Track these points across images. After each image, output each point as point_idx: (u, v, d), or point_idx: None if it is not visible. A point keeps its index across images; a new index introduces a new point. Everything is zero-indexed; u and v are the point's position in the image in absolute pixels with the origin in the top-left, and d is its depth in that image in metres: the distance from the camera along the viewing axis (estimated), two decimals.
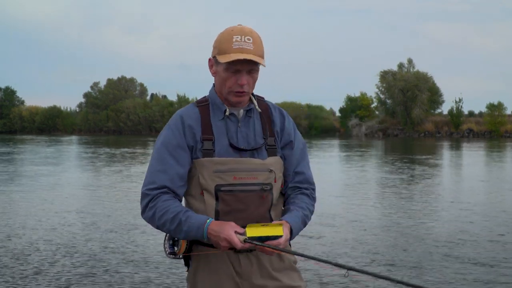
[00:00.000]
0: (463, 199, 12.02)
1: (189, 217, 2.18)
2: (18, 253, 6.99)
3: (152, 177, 2.27)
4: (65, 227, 8.70)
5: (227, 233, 2.09)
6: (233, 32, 2.23)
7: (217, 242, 2.14)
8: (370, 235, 8.16)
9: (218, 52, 2.24)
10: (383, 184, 15.04)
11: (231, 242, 2.09)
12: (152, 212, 2.23)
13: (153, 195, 2.24)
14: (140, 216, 2.34)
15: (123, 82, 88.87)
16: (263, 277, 2.31)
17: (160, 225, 2.22)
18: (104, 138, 58.42)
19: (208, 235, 2.14)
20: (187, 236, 2.19)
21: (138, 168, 19.77)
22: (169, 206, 2.21)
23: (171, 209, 2.20)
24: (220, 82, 2.30)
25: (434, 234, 8.25)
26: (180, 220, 2.17)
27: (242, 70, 2.23)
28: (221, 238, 2.10)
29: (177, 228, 2.18)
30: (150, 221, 2.26)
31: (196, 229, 2.16)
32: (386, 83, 69.23)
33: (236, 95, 2.27)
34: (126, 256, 6.89)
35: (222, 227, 2.12)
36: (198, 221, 2.16)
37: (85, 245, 7.47)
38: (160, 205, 2.21)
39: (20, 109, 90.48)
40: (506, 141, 48.75)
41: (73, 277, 5.96)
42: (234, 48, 2.19)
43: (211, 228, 2.13)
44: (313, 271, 6.04)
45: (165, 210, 2.20)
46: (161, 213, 2.20)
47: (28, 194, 12.65)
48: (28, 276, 5.95)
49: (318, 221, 8.85)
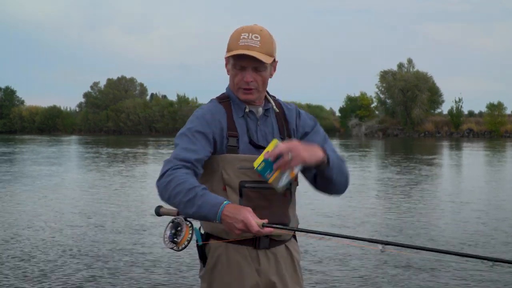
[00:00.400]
0: (474, 200, 11.92)
1: (206, 193, 2.09)
2: (24, 255, 6.95)
3: (182, 151, 2.21)
4: (72, 228, 8.67)
5: (244, 215, 2.02)
6: (242, 30, 2.30)
7: (231, 225, 2.04)
8: (382, 237, 8.13)
9: (227, 50, 2.31)
10: (392, 184, 15.02)
11: (247, 225, 2.01)
12: (169, 180, 2.13)
13: (175, 164, 2.17)
14: (145, 217, 2.30)
15: (123, 82, 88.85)
16: (278, 274, 2.33)
17: (172, 195, 2.12)
18: (104, 138, 58.42)
19: (223, 216, 2.04)
20: (198, 212, 2.08)
21: (141, 168, 19.77)
22: (188, 178, 2.12)
23: (189, 180, 2.11)
24: (231, 79, 2.36)
25: (445, 236, 8.18)
26: (196, 193, 2.07)
27: (248, 67, 2.28)
28: (238, 220, 2.02)
29: (190, 201, 2.08)
30: (163, 188, 2.15)
31: (210, 206, 2.06)
32: (386, 83, 69.26)
33: (243, 92, 2.32)
34: (134, 258, 6.84)
35: (239, 210, 2.04)
36: (215, 200, 2.07)
37: (92, 247, 7.43)
38: (179, 175, 2.13)
39: (20, 109, 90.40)
40: (506, 141, 48.76)
41: (80, 279, 5.92)
42: (239, 45, 2.25)
43: (227, 209, 2.04)
44: (321, 274, 6.02)
45: (183, 180, 2.11)
46: (178, 182, 2.11)
47: (34, 194, 12.62)
48: (33, 279, 5.90)
49: (334, 222, 8.82)
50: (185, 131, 2.28)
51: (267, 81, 2.36)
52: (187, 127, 2.29)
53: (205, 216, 2.07)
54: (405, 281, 5.84)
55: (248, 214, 2.02)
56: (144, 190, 13.49)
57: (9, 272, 6.14)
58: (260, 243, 2.29)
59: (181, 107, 79.23)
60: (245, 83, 2.29)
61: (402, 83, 66.54)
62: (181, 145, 2.23)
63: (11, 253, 7.05)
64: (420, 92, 65.77)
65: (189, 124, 2.30)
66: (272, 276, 2.31)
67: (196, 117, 2.31)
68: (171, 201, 2.14)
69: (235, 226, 2.03)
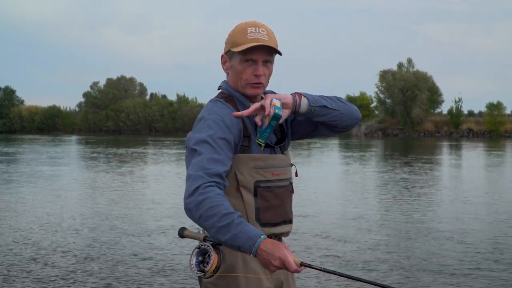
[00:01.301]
0: (496, 202, 11.83)
1: (243, 223, 1.97)
2: (36, 258, 6.78)
3: (209, 163, 2.07)
4: (85, 231, 8.44)
5: (282, 252, 1.92)
6: (247, 25, 2.26)
7: (267, 261, 1.94)
8: (401, 240, 8.14)
9: (233, 45, 2.25)
10: (406, 185, 15.02)
11: (285, 263, 1.92)
12: (202, 199, 1.98)
13: (207, 181, 2.02)
14: (158, 219, 2.25)
15: (123, 81, 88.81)
16: (283, 273, 2.36)
17: (203, 216, 1.98)
18: (106, 138, 58.15)
19: (259, 251, 1.93)
20: (231, 240, 1.96)
21: (152, 169, 19.54)
22: (223, 201, 2.00)
23: (225, 204, 1.99)
24: (235, 76, 2.28)
25: (474, 237, 8.06)
26: (232, 220, 1.95)
27: (258, 60, 2.24)
28: (275, 256, 1.91)
29: (224, 228, 1.95)
30: (195, 208, 2.00)
31: (246, 238, 1.94)
32: (386, 82, 69.20)
33: (252, 87, 2.27)
34: (152, 262, 6.61)
35: (277, 246, 1.94)
36: (252, 231, 1.96)
37: (108, 250, 7.22)
38: (214, 196, 1.99)
39: (19, 109, 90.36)
40: (506, 141, 48.75)
41: (95, 285, 5.72)
42: (249, 39, 2.21)
43: (265, 244, 1.93)
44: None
45: (218, 203, 1.98)
46: (213, 204, 1.97)
47: (44, 195, 12.43)
48: (49, 283, 5.75)
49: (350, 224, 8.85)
50: (205, 137, 2.12)
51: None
52: (207, 134, 2.13)
53: (238, 247, 1.96)
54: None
55: (286, 252, 1.93)
56: (153, 191, 13.34)
57: (23, 275, 5.99)
58: None
59: (181, 107, 79.18)
60: (255, 77, 2.25)
61: (402, 83, 66.50)
62: (206, 155, 2.08)
63: (25, 255, 6.87)
64: (419, 91, 65.73)
65: (208, 130, 2.15)
66: (280, 276, 2.34)
67: (215, 122, 2.17)
68: (202, 222, 2.00)
69: (272, 263, 1.93)
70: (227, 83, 2.35)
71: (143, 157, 26.85)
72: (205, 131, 2.14)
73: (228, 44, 2.28)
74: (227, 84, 2.35)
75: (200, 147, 2.11)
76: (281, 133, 2.40)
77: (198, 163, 2.07)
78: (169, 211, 9.88)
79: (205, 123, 2.17)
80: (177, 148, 34.16)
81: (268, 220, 2.26)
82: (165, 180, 15.75)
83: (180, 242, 7.29)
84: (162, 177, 16.53)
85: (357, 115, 2.43)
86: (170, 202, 11.09)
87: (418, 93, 65.61)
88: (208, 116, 2.20)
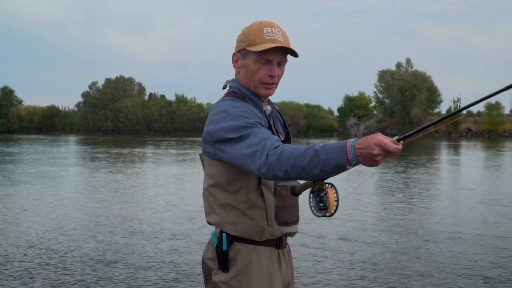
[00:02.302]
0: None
1: (325, 145, 1.90)
2: (54, 260, 6.58)
3: (263, 135, 2.03)
4: (104, 235, 8.11)
5: (376, 137, 1.85)
6: (262, 25, 2.24)
7: (368, 156, 1.84)
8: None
9: (248, 44, 2.22)
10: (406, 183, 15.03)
11: (383, 146, 1.84)
12: (276, 157, 1.92)
13: (271, 145, 1.97)
14: (184, 224, 2.15)
15: (122, 81, 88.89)
16: (291, 273, 2.38)
17: (288, 168, 1.91)
18: (108, 137, 57.94)
19: (356, 151, 1.84)
20: (325, 165, 1.87)
21: (163, 170, 19.21)
22: (296, 146, 1.95)
23: (299, 147, 1.94)
24: (248, 75, 2.26)
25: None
26: (314, 149, 1.88)
27: (274, 61, 2.23)
28: (372, 146, 1.83)
29: (311, 161, 1.87)
30: (275, 166, 1.93)
31: (338, 151, 1.85)
32: (385, 82, 69.29)
33: (265, 87, 2.26)
34: (177, 269, 6.32)
35: (368, 137, 1.87)
36: (339, 143, 1.88)
37: (129, 254, 6.91)
38: (284, 148, 1.94)
39: (18, 109, 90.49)
40: (504, 140, 48.78)
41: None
42: (266, 39, 2.20)
43: (358, 143, 1.85)
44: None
45: (293, 148, 1.92)
46: (288, 153, 1.91)
47: (57, 197, 12.19)
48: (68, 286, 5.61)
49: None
50: (242, 123, 2.08)
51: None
52: (243, 121, 2.08)
53: (336, 165, 1.86)
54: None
55: (379, 136, 1.87)
56: (168, 192, 13.16)
57: (44, 276, 5.88)
58: (282, 243, 2.30)
59: (180, 106, 79.24)
60: (269, 78, 2.24)
61: (401, 83, 66.59)
62: (255, 132, 2.04)
63: (43, 258, 6.66)
64: (418, 91, 65.84)
65: (240, 119, 2.10)
66: (288, 276, 2.34)
67: (243, 111, 2.14)
68: (289, 174, 1.92)
69: (373, 154, 1.83)
70: (237, 82, 2.32)
71: (154, 157, 26.49)
72: (237, 120, 2.10)
73: (243, 42, 2.25)
74: (237, 83, 2.32)
75: (242, 132, 2.06)
76: (285, 134, 2.41)
77: (252, 140, 2.02)
78: (186, 214, 9.70)
79: (234, 114, 2.12)
80: (183, 149, 33.95)
81: (285, 219, 2.26)
82: (181, 183, 15.43)
83: (201, 246, 7.05)
84: (176, 179, 16.29)
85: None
86: (187, 204, 10.86)
87: (416, 93, 65.70)
88: (231, 109, 2.15)
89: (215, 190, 2.23)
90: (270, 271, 2.23)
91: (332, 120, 75.02)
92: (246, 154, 2.01)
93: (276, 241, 2.27)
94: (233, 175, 2.17)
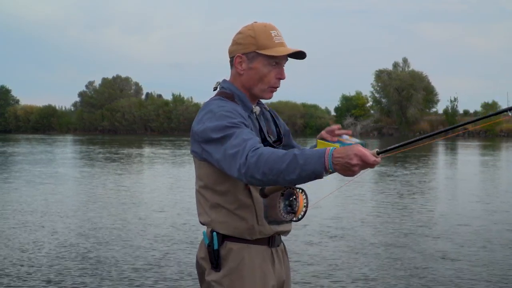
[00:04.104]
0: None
1: (304, 150, 1.91)
2: (53, 261, 6.49)
3: (245, 136, 2.02)
4: (104, 235, 8.03)
5: (356, 148, 1.86)
6: (267, 28, 2.26)
7: (346, 165, 1.85)
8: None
9: (258, 47, 2.23)
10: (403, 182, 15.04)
11: (362, 156, 1.84)
12: (255, 159, 1.91)
13: (251, 146, 1.97)
14: (186, 223, 2.08)
15: (118, 81, 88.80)
16: (286, 272, 2.37)
17: (267, 171, 1.90)
18: (107, 137, 57.68)
19: (334, 160, 1.84)
20: (303, 171, 1.87)
21: (174, 171, 19.01)
22: (275, 149, 1.95)
23: (278, 150, 1.93)
24: (255, 78, 2.26)
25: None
26: (293, 154, 1.88)
27: (282, 64, 2.27)
28: (351, 155, 1.84)
29: (289, 165, 1.87)
30: (254, 169, 1.92)
31: (316, 158, 1.85)
32: (382, 82, 69.42)
33: (271, 91, 2.29)
34: (180, 268, 6.27)
35: (348, 147, 1.88)
36: (318, 150, 1.88)
37: (129, 254, 6.87)
38: (263, 150, 1.94)
39: (15, 108, 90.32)
40: (502, 140, 48.87)
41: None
42: (276, 43, 2.23)
43: (337, 151, 1.86)
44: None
45: (272, 151, 1.92)
46: (267, 155, 1.91)
47: (71, 198, 12.04)
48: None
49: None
50: (226, 123, 2.07)
51: None
52: (227, 121, 2.08)
53: (313, 172, 1.86)
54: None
55: (359, 147, 1.87)
56: (175, 193, 12.87)
57: (39, 277, 5.84)
58: (274, 241, 2.30)
59: (176, 106, 79.20)
60: (278, 81, 2.27)
61: (398, 83, 66.70)
62: (237, 133, 2.03)
63: (41, 258, 6.59)
64: (415, 91, 65.96)
65: (225, 119, 2.10)
66: (282, 275, 2.34)
67: (229, 111, 2.13)
68: (267, 177, 1.91)
69: (351, 163, 1.84)
70: (229, 83, 2.31)
71: (162, 157, 26.25)
72: (221, 120, 2.10)
73: (251, 45, 2.24)
74: (229, 84, 2.32)
75: (225, 132, 2.06)
76: (277, 133, 2.41)
77: (234, 141, 2.02)
78: (189, 211, 9.65)
79: (218, 114, 2.13)
80: (185, 148, 33.69)
81: (275, 218, 2.24)
82: (180, 182, 15.22)
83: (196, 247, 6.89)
84: (175, 179, 16.14)
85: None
86: (188, 204, 10.66)
87: (413, 92, 65.83)
88: (217, 109, 2.15)
89: (205, 191, 2.24)
90: (263, 269, 2.23)
91: (329, 119, 74.99)
92: (228, 155, 2.01)
93: (268, 240, 2.27)
94: (220, 176, 2.17)
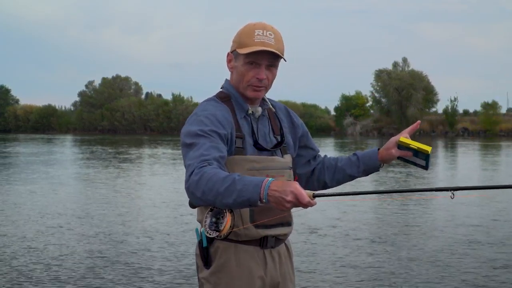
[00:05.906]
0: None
1: (244, 177, 1.92)
2: (53, 261, 6.44)
3: (204, 150, 2.05)
4: (104, 235, 7.96)
5: (294, 185, 1.85)
6: (255, 26, 2.22)
7: (280, 200, 1.85)
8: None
9: (238, 46, 2.22)
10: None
11: (297, 196, 1.84)
12: (198, 177, 1.95)
13: (200, 162, 2.00)
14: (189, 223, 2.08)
15: (118, 81, 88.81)
16: (281, 274, 2.33)
17: (206, 190, 1.93)
18: (110, 137, 57.43)
19: (270, 192, 1.84)
20: (239, 197, 1.88)
21: (163, 168, 19.00)
22: (218, 171, 1.96)
23: (220, 172, 1.95)
24: (238, 77, 2.26)
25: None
26: (233, 179, 1.90)
27: (262, 64, 2.21)
28: (287, 191, 1.83)
29: (228, 189, 1.89)
30: (195, 187, 1.96)
31: (253, 186, 1.86)
32: (381, 82, 69.41)
33: (253, 89, 2.25)
34: (179, 268, 6.22)
35: (287, 183, 1.88)
36: (257, 179, 1.89)
37: (129, 254, 6.80)
38: (208, 169, 1.96)
39: (14, 108, 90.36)
40: (501, 140, 48.86)
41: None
42: (255, 41, 2.18)
43: (274, 184, 1.86)
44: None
45: (215, 173, 1.94)
46: (210, 176, 1.93)
47: (77, 198, 11.99)
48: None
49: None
50: (197, 130, 2.11)
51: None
52: (199, 128, 2.12)
53: (248, 199, 1.87)
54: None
55: (297, 185, 1.85)
56: (174, 194, 12.76)
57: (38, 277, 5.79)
58: (267, 243, 2.27)
59: (176, 106, 79.22)
60: (257, 81, 2.22)
61: (397, 82, 66.69)
62: (200, 145, 2.06)
63: (41, 259, 6.53)
64: (415, 91, 65.96)
65: (199, 124, 2.14)
66: (277, 277, 2.30)
67: (206, 117, 2.16)
68: (206, 196, 1.94)
69: (285, 199, 1.83)
70: (229, 82, 2.33)
71: (176, 157, 26.10)
72: (196, 125, 2.14)
73: (235, 43, 2.26)
74: (228, 83, 2.34)
75: (194, 139, 2.10)
76: (280, 136, 2.38)
77: (193, 154, 2.05)
78: (189, 211, 9.52)
79: (197, 118, 2.17)
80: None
81: (262, 222, 2.21)
82: (179, 182, 15.15)
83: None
84: (176, 179, 16.06)
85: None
86: (186, 203, 10.52)
87: (413, 92, 65.82)
88: (200, 112, 2.20)
89: None
90: (251, 269, 2.21)
91: (328, 119, 75.09)
92: (186, 165, 2.06)
93: (259, 241, 2.24)
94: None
